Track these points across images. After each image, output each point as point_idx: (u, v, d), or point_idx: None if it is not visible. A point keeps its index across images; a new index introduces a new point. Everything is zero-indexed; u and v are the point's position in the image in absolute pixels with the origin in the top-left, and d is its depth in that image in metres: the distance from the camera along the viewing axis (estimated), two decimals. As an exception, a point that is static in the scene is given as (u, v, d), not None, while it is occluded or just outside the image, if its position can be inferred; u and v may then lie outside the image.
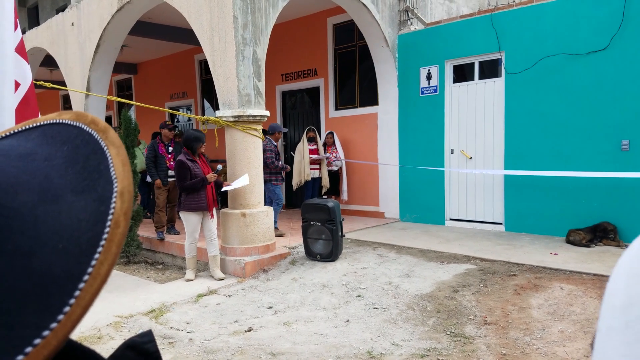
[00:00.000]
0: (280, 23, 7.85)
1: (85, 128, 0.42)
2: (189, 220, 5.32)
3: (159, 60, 12.54)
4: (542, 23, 6.30)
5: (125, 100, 6.34)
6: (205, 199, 5.26)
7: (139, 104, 6.19)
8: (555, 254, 5.40)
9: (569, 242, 5.85)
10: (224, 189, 5.50)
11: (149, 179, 7.61)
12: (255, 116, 5.66)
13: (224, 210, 5.85)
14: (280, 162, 6.99)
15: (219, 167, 5.53)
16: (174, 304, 4.69)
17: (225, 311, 4.42)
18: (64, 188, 0.37)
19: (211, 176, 5.28)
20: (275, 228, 6.90)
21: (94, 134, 0.41)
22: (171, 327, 4.08)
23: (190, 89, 11.87)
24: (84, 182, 0.38)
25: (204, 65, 11.32)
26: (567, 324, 3.69)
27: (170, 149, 6.97)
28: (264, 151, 6.85)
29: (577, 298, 4.09)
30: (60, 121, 0.43)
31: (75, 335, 3.95)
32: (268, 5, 5.82)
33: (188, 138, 5.36)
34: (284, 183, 7.32)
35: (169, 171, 6.89)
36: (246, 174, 5.50)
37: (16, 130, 0.44)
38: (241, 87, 5.57)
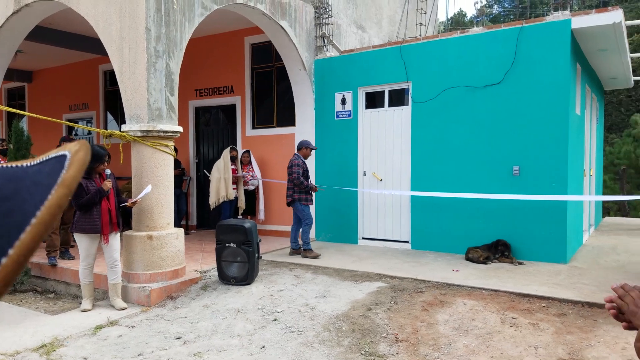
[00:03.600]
0: (196, 38, 7.67)
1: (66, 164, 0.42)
2: (81, 243, 4.89)
3: (59, 69, 11.60)
4: (446, 57, 6.84)
5: (16, 111, 5.75)
6: (100, 221, 4.83)
7: (33, 114, 5.64)
8: (457, 270, 5.76)
9: (468, 259, 6.29)
10: (130, 201, 5.12)
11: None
12: (166, 132, 5.41)
13: (127, 232, 5.45)
14: (308, 182, 6.66)
15: (108, 171, 5.01)
16: (69, 337, 4.25)
17: (128, 344, 4.08)
18: None
19: (106, 184, 4.87)
20: (310, 249, 6.59)
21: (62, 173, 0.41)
22: (66, 363, 3.68)
23: (93, 101, 11.10)
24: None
25: (109, 76, 10.69)
26: (470, 338, 3.93)
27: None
28: (291, 165, 6.58)
29: (478, 313, 4.38)
30: (65, 153, 0.43)
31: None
32: (184, 19, 5.66)
33: None
34: (313, 205, 6.89)
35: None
36: (149, 185, 5.19)
37: (48, 157, 0.44)
38: (152, 100, 5.32)
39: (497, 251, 6.22)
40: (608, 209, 14.26)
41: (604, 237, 8.32)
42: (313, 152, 7.23)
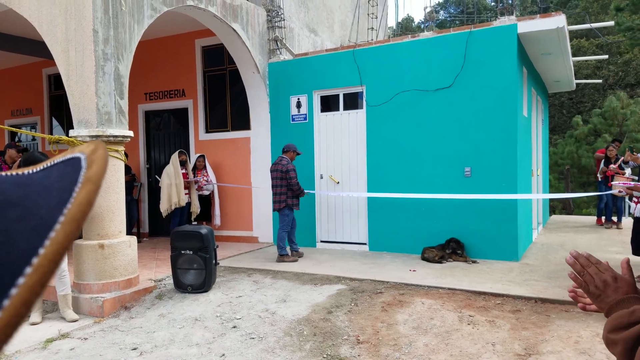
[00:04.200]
0: (146, 40, 7.44)
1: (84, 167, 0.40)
2: None
3: (-2, 72, 10.95)
4: (398, 61, 6.96)
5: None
6: None
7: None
8: (414, 270, 5.86)
9: (424, 259, 6.41)
10: None
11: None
12: (116, 136, 5.22)
13: (76, 241, 5.20)
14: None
15: None
16: (17, 352, 4.01)
17: (81, 356, 3.89)
18: None
19: None
20: (287, 254, 6.43)
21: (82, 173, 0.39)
22: (10, 384, 3.45)
23: (37, 106, 10.54)
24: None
25: (54, 80, 10.19)
26: (430, 337, 3.99)
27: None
28: (288, 171, 6.28)
29: (436, 311, 4.46)
30: (77, 155, 0.42)
31: None
32: (133, 21, 5.48)
33: (24, 162, 4.80)
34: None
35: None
36: None
37: (54, 162, 0.42)
38: (101, 104, 5.11)
39: (449, 248, 6.37)
40: (554, 208, 14.99)
41: (552, 234, 8.73)
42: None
